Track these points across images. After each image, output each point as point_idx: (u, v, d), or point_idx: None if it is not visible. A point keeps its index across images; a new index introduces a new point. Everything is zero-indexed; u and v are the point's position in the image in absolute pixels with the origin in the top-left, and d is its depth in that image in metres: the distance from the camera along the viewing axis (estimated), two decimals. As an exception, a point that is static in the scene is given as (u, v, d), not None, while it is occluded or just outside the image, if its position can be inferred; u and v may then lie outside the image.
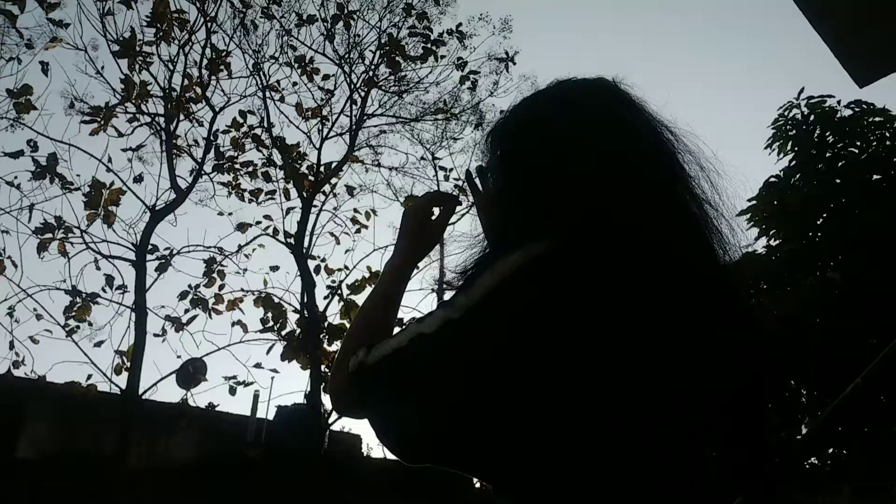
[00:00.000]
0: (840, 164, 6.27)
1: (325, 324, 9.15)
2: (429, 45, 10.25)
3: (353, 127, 10.49)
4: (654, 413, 0.75)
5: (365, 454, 12.01)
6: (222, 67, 9.43)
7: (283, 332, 8.78)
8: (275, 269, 9.30)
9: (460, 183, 12.89)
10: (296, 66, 9.91)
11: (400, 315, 0.98)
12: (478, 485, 12.15)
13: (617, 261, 0.76)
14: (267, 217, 9.48)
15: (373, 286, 1.08)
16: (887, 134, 6.18)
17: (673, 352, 0.76)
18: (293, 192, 9.76)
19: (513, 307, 0.75)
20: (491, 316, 0.75)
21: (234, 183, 9.55)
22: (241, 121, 9.48)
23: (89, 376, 7.66)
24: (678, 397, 0.76)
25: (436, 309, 0.80)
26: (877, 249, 5.24)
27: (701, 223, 0.87)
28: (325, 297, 9.33)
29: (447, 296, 0.82)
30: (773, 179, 6.67)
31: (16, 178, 7.86)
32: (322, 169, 9.90)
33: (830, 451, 5.84)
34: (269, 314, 8.84)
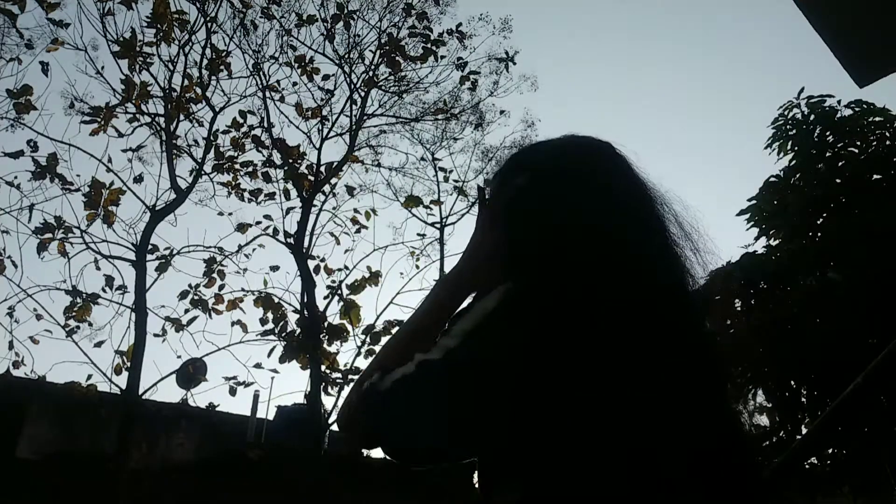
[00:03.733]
0: (840, 164, 6.27)
1: (325, 324, 9.15)
2: (429, 45, 10.24)
3: (353, 127, 10.50)
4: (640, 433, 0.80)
5: (365, 454, 12.02)
6: (222, 67, 9.43)
7: (283, 333, 8.78)
8: (275, 269, 9.31)
9: (460, 184, 12.93)
10: (296, 66, 9.91)
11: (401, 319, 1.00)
12: (476, 484, 12.16)
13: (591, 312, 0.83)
14: (267, 217, 9.48)
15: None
16: (887, 134, 6.18)
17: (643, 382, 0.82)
18: (293, 192, 9.77)
19: (505, 336, 0.84)
20: (489, 340, 0.85)
21: (233, 183, 9.54)
22: (241, 121, 9.48)
23: (89, 376, 7.65)
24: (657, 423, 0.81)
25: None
26: (876, 249, 5.24)
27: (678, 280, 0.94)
28: (325, 297, 9.34)
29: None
30: (773, 179, 6.68)
31: (16, 178, 7.85)
32: (322, 169, 9.90)
33: (830, 451, 5.83)
34: (269, 314, 8.84)
